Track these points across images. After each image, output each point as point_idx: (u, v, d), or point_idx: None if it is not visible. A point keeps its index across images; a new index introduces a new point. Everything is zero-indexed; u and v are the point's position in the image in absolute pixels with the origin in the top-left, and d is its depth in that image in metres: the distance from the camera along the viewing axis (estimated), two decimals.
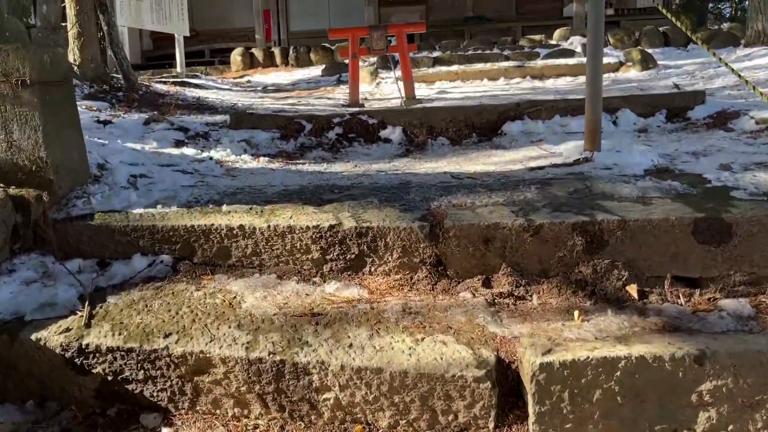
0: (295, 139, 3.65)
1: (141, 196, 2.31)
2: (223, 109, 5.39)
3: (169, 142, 3.41)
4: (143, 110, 4.75)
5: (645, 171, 2.43)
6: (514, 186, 2.28)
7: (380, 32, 7.76)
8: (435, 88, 9.45)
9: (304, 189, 2.39)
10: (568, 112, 3.78)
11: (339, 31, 8.03)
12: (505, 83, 9.61)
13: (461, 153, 3.44)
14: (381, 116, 3.77)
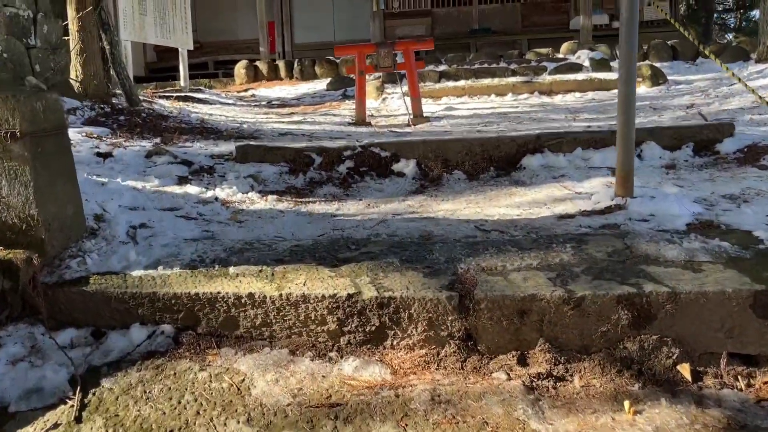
0: (304, 173, 3.46)
1: (141, 253, 2.11)
2: (228, 133, 5.20)
3: (172, 179, 3.22)
4: (146, 136, 4.56)
5: (687, 225, 2.24)
6: (547, 244, 2.08)
7: (387, 49, 7.58)
8: (442, 104, 9.27)
9: (317, 244, 2.19)
10: (591, 144, 3.58)
11: (345, 48, 7.84)
12: (513, 99, 9.42)
13: (479, 190, 3.24)
14: (394, 149, 3.58)
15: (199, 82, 12.89)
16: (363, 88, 7.59)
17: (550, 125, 6.05)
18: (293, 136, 5.44)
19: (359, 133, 6.02)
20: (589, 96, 9.34)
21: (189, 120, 5.66)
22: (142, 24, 9.92)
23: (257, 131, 5.65)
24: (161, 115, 5.69)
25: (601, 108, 7.71)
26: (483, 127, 6.36)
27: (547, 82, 9.57)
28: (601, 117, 6.83)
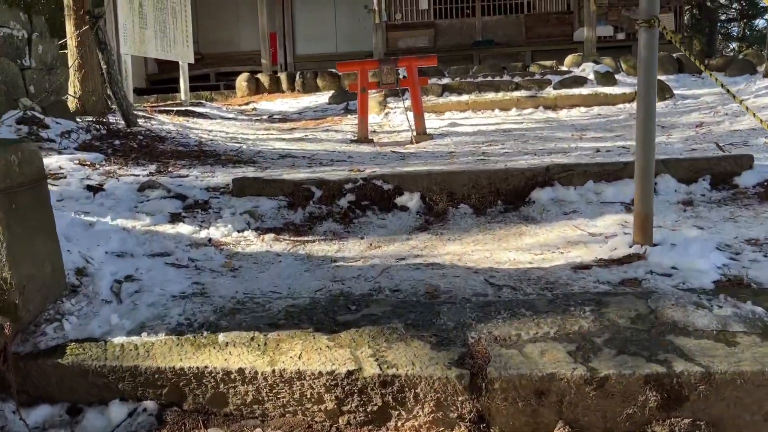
0: (304, 207, 3.29)
1: (124, 315, 1.94)
2: (227, 157, 5.04)
3: (165, 216, 3.05)
4: (141, 162, 4.40)
5: (715, 283, 2.06)
6: (564, 306, 1.91)
7: (390, 65, 7.42)
8: (445, 119, 9.11)
9: (315, 303, 2.02)
10: (602, 177, 3.41)
11: (347, 65, 7.69)
12: (517, 114, 9.26)
13: (487, 228, 3.07)
14: (397, 181, 3.41)
15: (200, 94, 12.75)
16: (365, 106, 7.43)
17: (557, 146, 5.88)
18: (293, 159, 5.28)
19: (361, 154, 5.86)
20: (595, 111, 9.17)
21: (187, 142, 5.50)
22: (143, 38, 9.78)
23: (257, 154, 5.49)
24: (158, 137, 5.53)
25: (607, 125, 7.54)
26: (487, 147, 6.20)
27: (552, 96, 9.41)
28: (609, 136, 6.66)
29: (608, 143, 5.95)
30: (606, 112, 8.93)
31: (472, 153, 5.60)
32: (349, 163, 5.05)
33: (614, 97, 9.29)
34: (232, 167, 4.53)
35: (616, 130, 7.03)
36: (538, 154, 5.15)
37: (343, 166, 4.75)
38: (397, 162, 5.03)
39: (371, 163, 4.98)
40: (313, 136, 7.87)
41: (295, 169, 4.52)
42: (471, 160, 4.64)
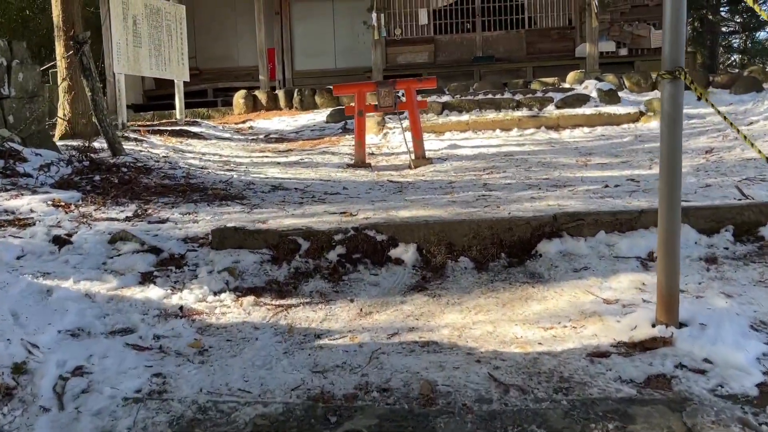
0: (289, 262, 2.97)
1: (63, 429, 1.63)
2: (215, 191, 4.73)
3: (135, 276, 2.74)
4: (121, 201, 4.09)
5: (759, 388, 1.74)
6: (583, 420, 1.59)
7: (388, 88, 7.13)
8: (445, 140, 8.81)
9: (290, 413, 1.70)
10: (615, 227, 3.10)
11: (344, 87, 7.40)
12: (518, 134, 8.96)
13: (490, 289, 2.76)
14: (391, 231, 3.10)
15: (197, 111, 12.48)
16: (363, 130, 7.13)
17: (561, 174, 5.57)
18: (285, 192, 4.97)
19: (357, 184, 5.55)
20: (598, 131, 8.86)
21: (174, 173, 5.20)
22: (137, 56, 9.51)
23: (248, 186, 5.18)
24: (145, 168, 5.23)
25: (612, 148, 7.22)
26: (488, 175, 5.88)
27: (554, 116, 9.11)
28: (615, 162, 6.35)
29: (615, 171, 5.64)
30: (610, 133, 8.62)
31: (472, 183, 5.29)
32: (344, 197, 4.74)
33: (618, 116, 8.99)
34: (218, 205, 4.22)
35: (622, 155, 6.72)
36: (543, 186, 4.83)
37: (337, 202, 4.44)
38: (394, 196, 4.72)
39: (366, 198, 4.67)
40: (309, 160, 7.57)
41: (285, 206, 4.21)
42: (471, 197, 4.33)
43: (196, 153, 7.81)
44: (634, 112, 8.98)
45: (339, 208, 3.93)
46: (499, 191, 4.64)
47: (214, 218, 3.75)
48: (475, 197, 4.25)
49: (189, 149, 8.07)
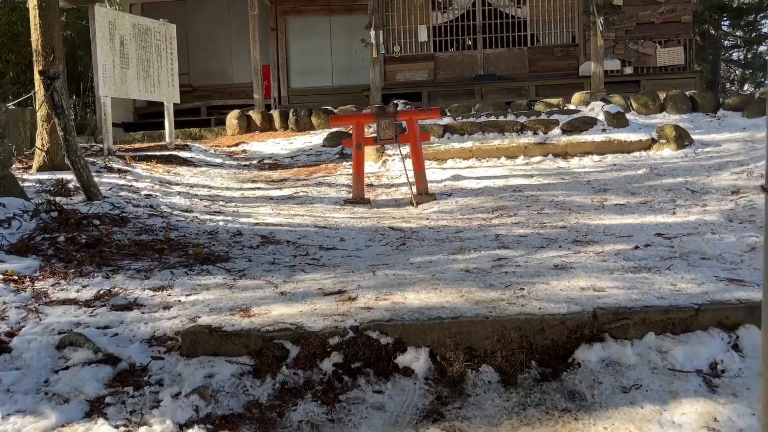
0: (274, 375, 2.41)
1: None
2: (196, 248, 4.16)
3: (80, 405, 2.17)
4: (86, 271, 3.52)
5: None
6: None
7: (389, 120, 6.58)
8: (448, 168, 8.25)
9: None
10: (666, 327, 2.54)
11: (341, 119, 6.85)
12: (525, 162, 8.41)
13: (523, 421, 2.20)
14: (399, 333, 2.54)
15: (189, 131, 11.92)
16: (361, 164, 6.58)
17: (579, 222, 5.00)
18: (276, 247, 4.40)
19: (355, 233, 4.98)
20: (609, 160, 8.31)
21: (153, 225, 4.62)
22: (124, 78, 8.95)
23: (234, 237, 4.62)
24: (121, 218, 4.66)
25: (627, 183, 6.66)
26: (498, 219, 5.33)
27: (562, 143, 8.56)
28: (633, 202, 5.80)
29: (637, 217, 5.09)
30: (621, 162, 8.08)
31: (483, 235, 4.74)
32: (342, 255, 4.18)
33: (629, 144, 8.45)
34: (197, 272, 3.65)
35: (639, 193, 6.18)
36: (563, 242, 4.29)
37: (333, 264, 3.89)
38: (397, 255, 4.17)
39: (366, 256, 4.11)
40: (304, 194, 7.01)
41: (274, 274, 3.65)
42: (486, 261, 3.78)
43: (183, 185, 7.24)
44: (645, 139, 8.44)
45: (335, 282, 3.37)
46: (514, 250, 4.09)
47: (191, 297, 3.18)
48: (491, 263, 3.69)
49: (176, 180, 7.50)
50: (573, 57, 12.82)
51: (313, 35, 13.50)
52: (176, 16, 13.48)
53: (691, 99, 10.70)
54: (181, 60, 13.44)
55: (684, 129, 8.47)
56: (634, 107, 10.76)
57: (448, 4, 12.92)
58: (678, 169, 7.19)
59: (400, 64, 12.97)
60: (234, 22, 13.64)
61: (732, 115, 10.39)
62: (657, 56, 12.46)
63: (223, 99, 13.54)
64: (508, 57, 12.97)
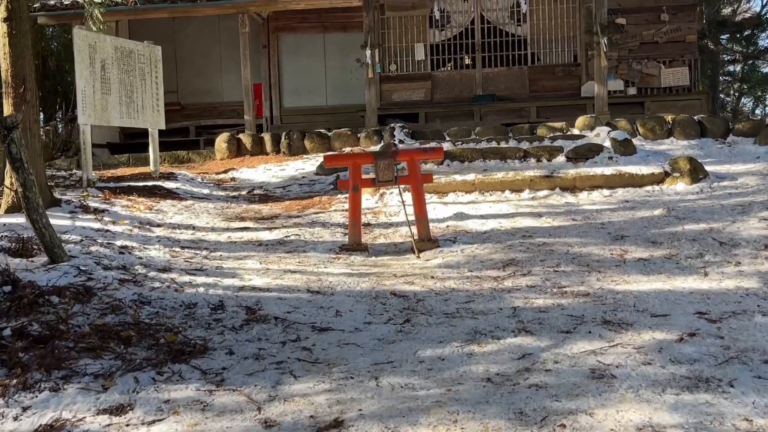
0: None
1: None
2: (169, 334, 3.54)
3: None
4: (29, 382, 2.89)
5: None
6: None
7: (388, 160, 5.97)
8: (449, 204, 7.64)
9: None
10: None
11: (336, 159, 6.23)
12: (530, 197, 7.81)
13: None
14: None
15: (176, 154, 11.28)
16: (358, 207, 5.96)
17: (602, 286, 4.41)
18: (263, 326, 3.78)
19: (353, 301, 4.36)
20: (620, 195, 7.72)
21: (122, 299, 3.98)
22: (105, 105, 8.31)
23: (214, 315, 3.99)
24: (85, 289, 4.02)
25: (645, 227, 6.07)
26: (511, 280, 4.71)
27: (569, 177, 7.96)
28: (657, 255, 5.19)
29: (666, 281, 4.49)
30: (633, 198, 7.51)
31: (494, 299, 4.16)
32: (336, 339, 3.58)
33: (641, 177, 7.88)
34: (167, 380, 3.02)
35: (661, 242, 5.59)
36: (589, 321, 3.70)
37: (325, 359, 3.29)
38: (401, 337, 3.57)
39: (364, 344, 3.50)
40: (296, 237, 6.38)
41: (259, 374, 3.04)
42: (506, 358, 3.18)
43: (165, 227, 6.61)
44: (657, 172, 7.87)
45: (331, 401, 2.76)
46: (538, 337, 3.49)
47: (153, 427, 2.56)
48: (515, 364, 3.09)
49: (158, 220, 6.86)
50: (575, 77, 12.27)
51: (307, 53, 12.90)
52: (164, 33, 12.86)
53: (699, 124, 10.16)
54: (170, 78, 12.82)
55: (698, 162, 7.90)
56: (641, 132, 10.22)
57: (446, 22, 12.34)
58: (698, 210, 6.61)
59: (396, 83, 12.39)
60: (224, 38, 13.02)
61: (743, 142, 9.85)
62: (661, 77, 11.92)
63: (213, 118, 12.92)
64: (508, 76, 12.40)
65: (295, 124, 12.56)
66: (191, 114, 13.07)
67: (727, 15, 17.98)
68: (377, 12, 11.98)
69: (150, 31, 13.02)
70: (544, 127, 10.41)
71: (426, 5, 12.19)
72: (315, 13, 12.35)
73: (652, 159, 9.44)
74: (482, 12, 12.31)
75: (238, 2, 11.09)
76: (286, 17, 12.52)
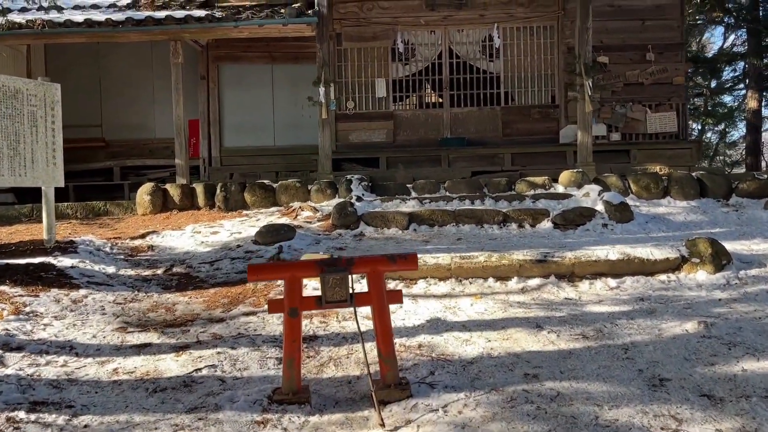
0: None
1: None
2: None
3: None
4: None
5: None
6: None
7: (340, 274, 4.01)
8: (419, 298, 5.71)
9: None
10: None
11: (265, 270, 4.24)
12: (520, 288, 5.95)
13: None
14: None
15: (91, 206, 9.08)
16: (297, 340, 3.98)
17: None
18: None
19: None
20: (629, 286, 5.95)
21: None
22: None
23: None
24: None
25: (688, 362, 4.29)
26: None
27: (566, 262, 6.17)
28: (726, 427, 3.47)
29: None
30: (647, 292, 5.77)
31: None
32: None
33: (653, 264, 6.15)
34: None
35: (721, 397, 3.80)
36: None
37: None
38: None
39: None
40: (210, 373, 4.36)
41: None
42: None
43: (27, 350, 4.53)
44: (673, 257, 6.15)
45: None
46: None
47: None
48: None
49: (23, 335, 4.78)
50: (553, 119, 10.61)
51: (253, 86, 10.89)
52: (87, 58, 10.68)
53: (698, 181, 8.58)
54: (93, 110, 10.65)
55: (720, 245, 6.21)
56: (633, 190, 8.58)
57: (410, 55, 10.53)
58: (744, 327, 4.87)
59: (354, 122, 10.50)
60: (157, 65, 10.91)
61: (750, 205, 8.30)
62: (647, 122, 10.36)
63: (143, 158, 10.77)
64: (479, 117, 10.65)
65: (237, 166, 10.55)
66: (117, 152, 10.89)
67: (696, 51, 16.78)
68: (333, 43, 10.11)
69: (71, 57, 10.83)
70: (523, 183, 8.69)
71: (388, 36, 10.37)
72: (262, 42, 10.39)
73: (653, 227, 7.78)
74: (451, 45, 10.56)
75: (169, 28, 9.04)
76: (229, 45, 10.50)
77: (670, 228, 7.71)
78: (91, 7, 9.87)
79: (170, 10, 9.48)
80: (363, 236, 7.66)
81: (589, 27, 9.15)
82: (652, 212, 8.09)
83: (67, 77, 10.99)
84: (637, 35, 10.40)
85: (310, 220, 8.14)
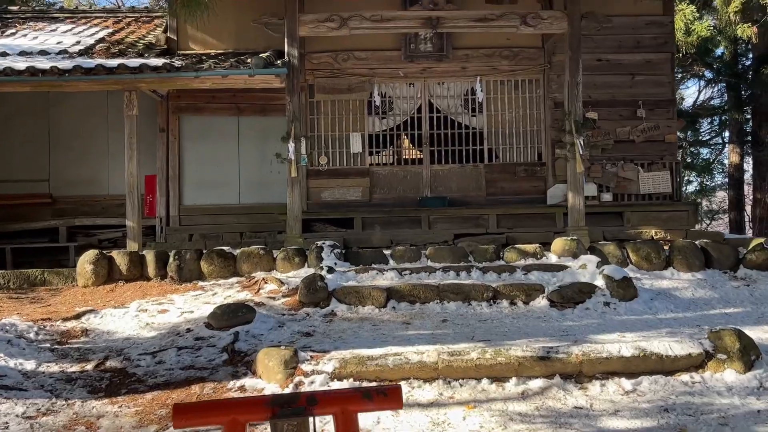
0: None
1: None
2: None
3: None
4: None
5: None
6: None
7: (297, 418, 2.95)
8: (401, 415, 4.69)
9: None
10: None
11: (197, 411, 3.15)
12: (521, 392, 4.81)
13: None
14: None
15: (26, 274, 7.87)
16: None
17: None
18: None
19: None
20: (646, 389, 4.94)
21: None
22: None
23: None
24: None
25: None
26: None
27: (573, 360, 5.16)
28: None
29: None
30: (670, 398, 4.77)
31: None
32: None
33: (672, 361, 5.15)
34: None
35: None
36: None
37: None
38: None
39: None
40: None
41: None
42: None
43: None
44: (696, 353, 5.16)
45: None
46: None
47: None
48: None
49: None
50: (539, 178, 9.77)
51: (217, 139, 9.89)
52: (35, 107, 9.59)
53: (703, 251, 7.73)
54: (40, 163, 9.52)
55: (748, 338, 5.26)
56: (633, 260, 7.69)
57: (388, 109, 9.68)
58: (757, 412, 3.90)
59: (327, 179, 9.53)
60: (113, 115, 9.88)
61: (760, 278, 7.45)
62: (640, 182, 9.58)
63: (93, 216, 9.60)
64: (461, 175, 9.77)
65: (198, 226, 9.46)
66: (65, 210, 9.72)
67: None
68: (305, 94, 9.22)
69: (17, 105, 9.75)
70: (513, 251, 7.74)
71: (364, 88, 9.52)
72: (227, 93, 9.44)
73: (659, 305, 6.85)
74: (431, 99, 9.74)
75: (123, 78, 8.05)
76: (191, 96, 9.53)
77: (679, 307, 6.78)
78: (39, 54, 8.85)
79: (125, 58, 8.50)
80: (334, 316, 6.59)
81: (579, 82, 8.41)
82: (655, 287, 7.19)
83: (11, 127, 9.89)
84: (627, 90, 9.72)
85: (275, 295, 7.04)
